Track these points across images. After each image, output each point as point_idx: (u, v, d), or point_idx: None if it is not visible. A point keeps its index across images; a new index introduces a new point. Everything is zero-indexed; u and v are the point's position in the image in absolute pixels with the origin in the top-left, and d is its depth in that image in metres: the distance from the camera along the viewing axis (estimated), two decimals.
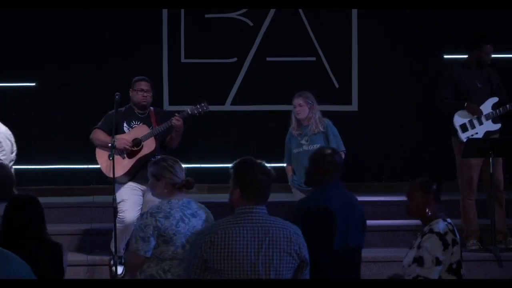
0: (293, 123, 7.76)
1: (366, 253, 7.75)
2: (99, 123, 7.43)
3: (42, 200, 4.99)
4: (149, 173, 5.18)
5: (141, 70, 9.79)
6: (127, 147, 7.20)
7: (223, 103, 10.01)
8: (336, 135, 7.67)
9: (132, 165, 7.17)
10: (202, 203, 5.24)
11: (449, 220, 4.89)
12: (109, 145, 7.12)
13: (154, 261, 4.91)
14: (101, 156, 7.34)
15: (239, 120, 10.04)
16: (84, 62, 9.73)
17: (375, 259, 7.58)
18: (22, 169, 9.64)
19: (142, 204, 7.15)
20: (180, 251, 4.93)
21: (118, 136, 7.23)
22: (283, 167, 7.90)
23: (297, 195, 7.69)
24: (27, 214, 4.66)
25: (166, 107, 9.85)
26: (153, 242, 4.88)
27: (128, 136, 7.26)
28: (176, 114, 7.30)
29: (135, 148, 7.22)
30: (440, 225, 4.82)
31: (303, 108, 7.66)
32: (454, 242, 4.80)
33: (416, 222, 5.80)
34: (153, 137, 7.25)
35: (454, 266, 4.79)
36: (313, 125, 7.63)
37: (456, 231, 4.89)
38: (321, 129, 7.63)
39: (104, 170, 7.30)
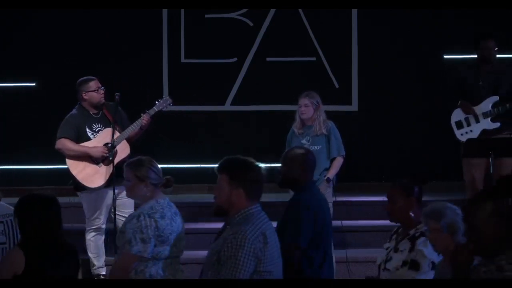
0: (297, 122, 7.73)
1: (366, 253, 7.79)
2: (62, 132, 7.30)
3: None
4: (132, 174, 5.09)
5: (141, 70, 9.85)
6: (105, 154, 7.17)
7: (223, 103, 10.00)
8: (338, 139, 7.65)
9: (111, 171, 7.11)
10: (203, 203, 5.26)
11: None
12: (109, 144, 7.14)
13: (151, 261, 4.90)
14: (75, 166, 7.27)
15: (239, 120, 10.03)
16: (84, 62, 9.72)
17: (375, 259, 7.56)
18: (23, 169, 9.66)
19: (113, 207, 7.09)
20: (174, 250, 4.97)
21: (89, 145, 7.20)
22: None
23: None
24: (47, 213, 4.65)
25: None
26: (153, 243, 4.87)
27: (98, 143, 7.24)
28: (142, 114, 7.27)
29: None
30: None
31: (308, 108, 7.61)
32: None
33: None
34: (124, 139, 7.23)
35: None
36: (316, 126, 7.60)
37: None
38: (324, 132, 7.60)
39: (81, 180, 7.24)
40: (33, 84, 9.92)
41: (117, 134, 7.22)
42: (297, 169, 5.41)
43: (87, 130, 7.29)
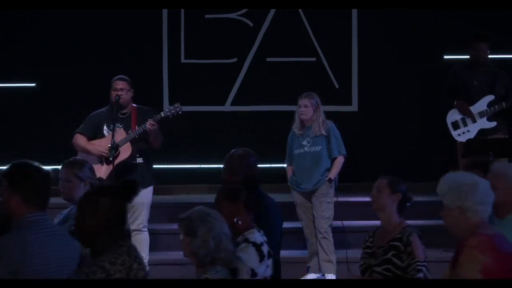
0: (296, 123, 7.72)
1: None
2: (81, 127, 7.38)
3: None
4: (71, 174, 5.17)
5: (141, 70, 9.84)
6: (103, 154, 7.19)
7: (223, 104, 10.00)
8: (338, 139, 7.64)
9: (110, 171, 7.13)
10: (203, 203, 5.19)
11: (262, 231, 4.67)
12: (106, 147, 7.16)
13: None
14: None
15: (239, 120, 10.03)
16: (84, 62, 9.73)
17: None
18: None
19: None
20: None
21: (96, 143, 7.23)
22: (282, 167, 7.89)
23: (295, 196, 7.67)
24: None
25: (166, 107, 9.84)
26: None
27: (106, 142, 7.25)
28: (149, 119, 7.27)
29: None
30: (256, 236, 4.62)
31: (308, 109, 7.61)
32: (269, 254, 4.60)
33: (416, 222, 5.82)
34: (129, 142, 7.24)
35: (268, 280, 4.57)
36: (316, 127, 7.60)
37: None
38: (324, 132, 7.60)
39: None
40: (33, 84, 9.92)
41: (123, 135, 7.24)
42: (251, 171, 5.33)
43: (105, 128, 7.33)
